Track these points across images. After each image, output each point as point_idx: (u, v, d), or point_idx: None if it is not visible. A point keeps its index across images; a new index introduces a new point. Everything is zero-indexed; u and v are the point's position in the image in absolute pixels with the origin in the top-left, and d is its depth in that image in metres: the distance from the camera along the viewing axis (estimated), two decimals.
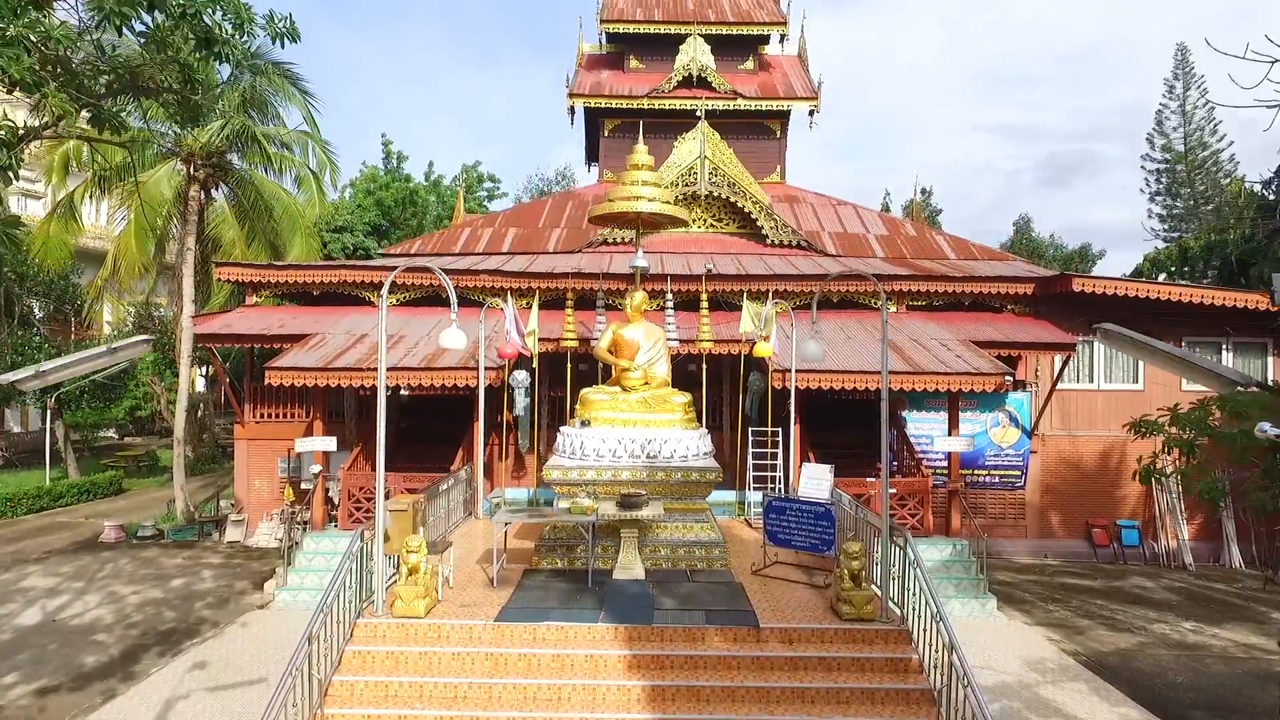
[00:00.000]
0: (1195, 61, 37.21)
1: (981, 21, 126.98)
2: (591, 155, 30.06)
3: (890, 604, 8.93)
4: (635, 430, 11.67)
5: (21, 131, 5.98)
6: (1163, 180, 38.84)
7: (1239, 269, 28.94)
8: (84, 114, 6.83)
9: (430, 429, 18.19)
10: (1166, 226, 39.11)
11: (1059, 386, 17.63)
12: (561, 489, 11.17)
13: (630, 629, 8.46)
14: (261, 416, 18.55)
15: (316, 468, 15.23)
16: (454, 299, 9.25)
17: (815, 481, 11.79)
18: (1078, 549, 18.18)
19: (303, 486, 17.61)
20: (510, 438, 18.11)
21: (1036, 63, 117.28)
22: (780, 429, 15.49)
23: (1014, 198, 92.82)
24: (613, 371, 12.94)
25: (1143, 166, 39.11)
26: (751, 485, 16.21)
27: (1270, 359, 18.43)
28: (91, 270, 32.28)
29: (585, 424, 11.83)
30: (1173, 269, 34.35)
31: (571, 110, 25.58)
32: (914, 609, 8.49)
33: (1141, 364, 18.44)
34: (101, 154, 18.97)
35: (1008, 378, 14.30)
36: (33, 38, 5.21)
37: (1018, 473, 18.23)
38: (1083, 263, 51.51)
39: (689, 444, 11.50)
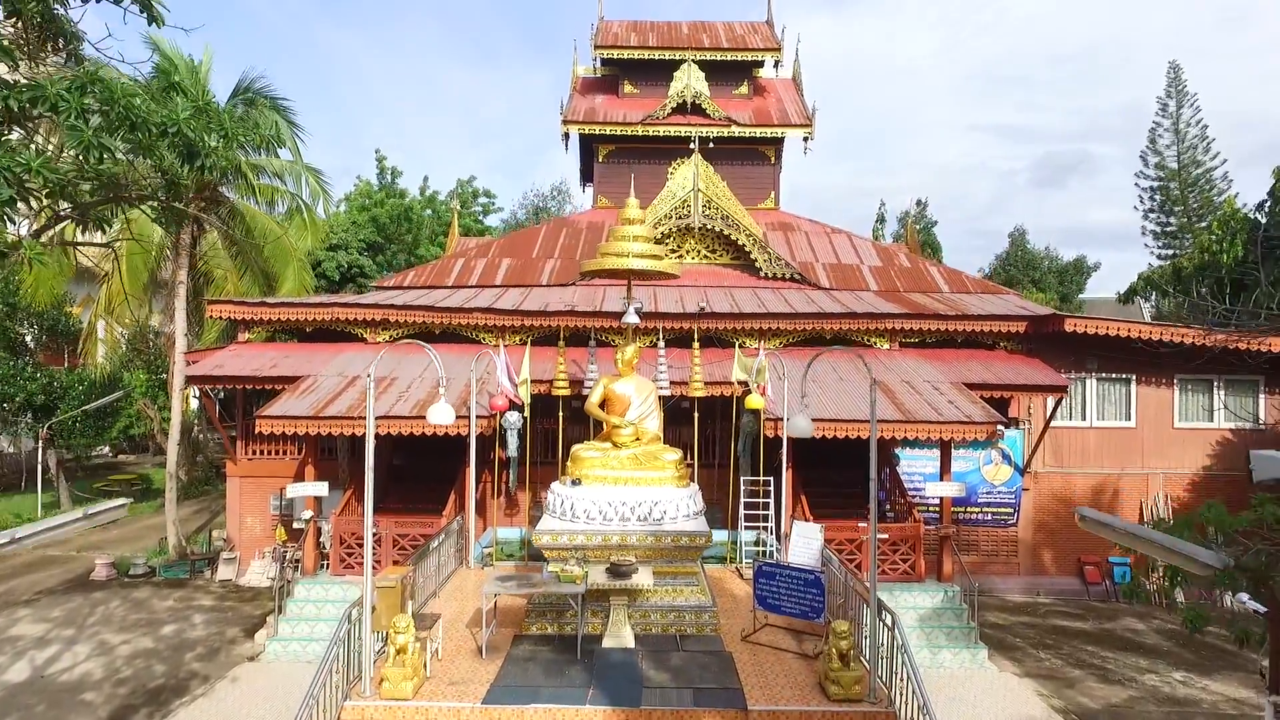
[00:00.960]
0: (1188, 79, 37.34)
1: (978, 22, 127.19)
2: (586, 175, 30.01)
3: (878, 680, 8.92)
4: (626, 489, 11.64)
5: (2, 249, 5.98)
6: (1156, 197, 38.90)
7: (1233, 289, 29.00)
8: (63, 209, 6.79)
9: (424, 466, 18.17)
10: (1161, 243, 39.19)
11: (1052, 424, 17.64)
12: (551, 553, 11.15)
13: (618, 712, 8.46)
14: (254, 454, 18.52)
15: (308, 513, 15.20)
16: (441, 372, 9.23)
17: (805, 540, 11.80)
18: (1070, 586, 18.20)
19: (295, 526, 17.57)
20: (503, 475, 18.09)
21: (1033, 63, 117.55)
22: (772, 478, 15.47)
23: (1010, 198, 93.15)
24: (604, 426, 12.91)
25: (1136, 184, 39.20)
26: (744, 525, 16.20)
27: (1263, 396, 18.50)
28: (84, 288, 32.20)
29: (576, 482, 11.80)
30: (1166, 289, 34.41)
31: (566, 136, 25.55)
32: (901, 692, 8.49)
33: (1134, 401, 18.49)
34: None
35: (1000, 427, 14.31)
36: (13, 170, 5.21)
37: (1010, 510, 18.25)
38: (1078, 275, 51.57)
39: (680, 504, 11.48)
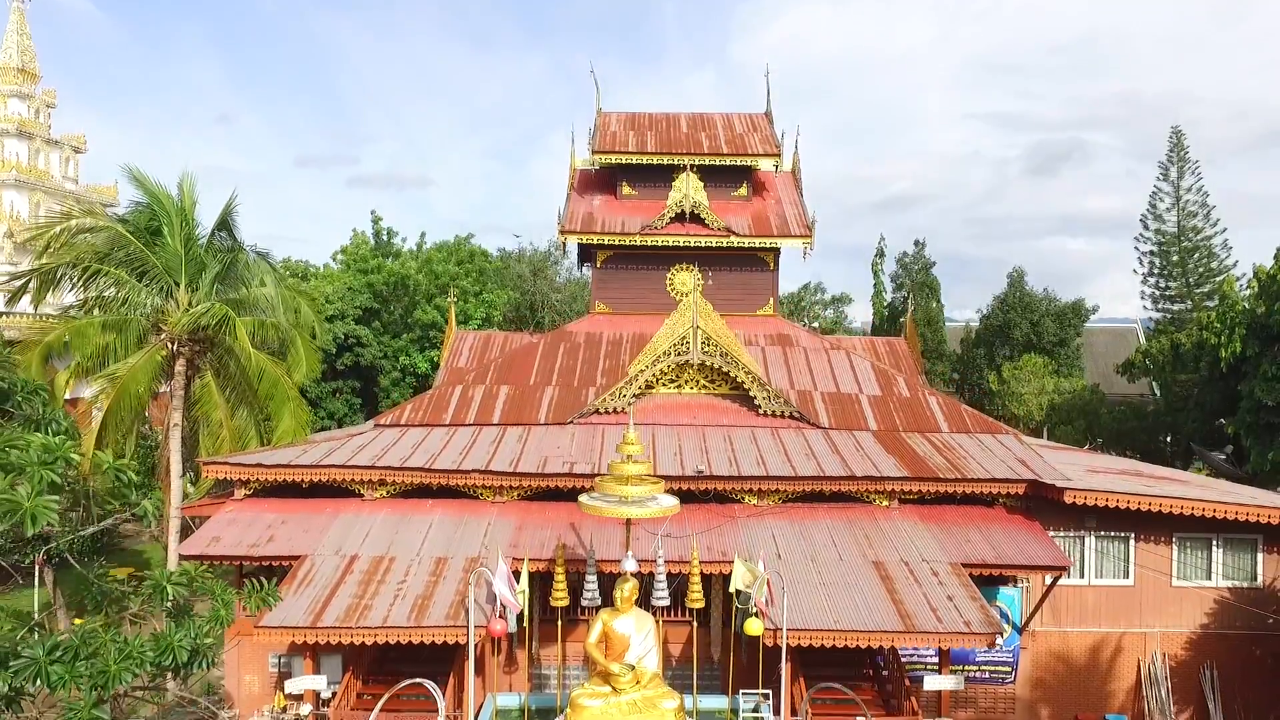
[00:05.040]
0: (1189, 146, 37.18)
1: (974, 10, 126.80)
2: (585, 258, 29.82)
3: None
4: None
5: None
6: (1156, 261, 38.85)
7: (1229, 373, 29.19)
8: None
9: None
10: (1159, 308, 39.20)
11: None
12: None
13: None
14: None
15: (307, 708, 15.20)
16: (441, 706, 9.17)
17: None
18: None
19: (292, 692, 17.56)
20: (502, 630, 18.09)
21: (1028, 51, 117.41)
22: (770, 690, 15.45)
23: (1004, 185, 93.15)
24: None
25: (1136, 248, 39.18)
26: (743, 691, 16.21)
27: (1260, 554, 18.51)
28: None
29: None
30: (1165, 365, 34.44)
31: (563, 244, 25.41)
32: None
33: (1133, 559, 18.51)
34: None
35: (1000, 638, 14.36)
36: None
37: (1008, 669, 18.30)
38: (1076, 317, 51.61)
39: None
